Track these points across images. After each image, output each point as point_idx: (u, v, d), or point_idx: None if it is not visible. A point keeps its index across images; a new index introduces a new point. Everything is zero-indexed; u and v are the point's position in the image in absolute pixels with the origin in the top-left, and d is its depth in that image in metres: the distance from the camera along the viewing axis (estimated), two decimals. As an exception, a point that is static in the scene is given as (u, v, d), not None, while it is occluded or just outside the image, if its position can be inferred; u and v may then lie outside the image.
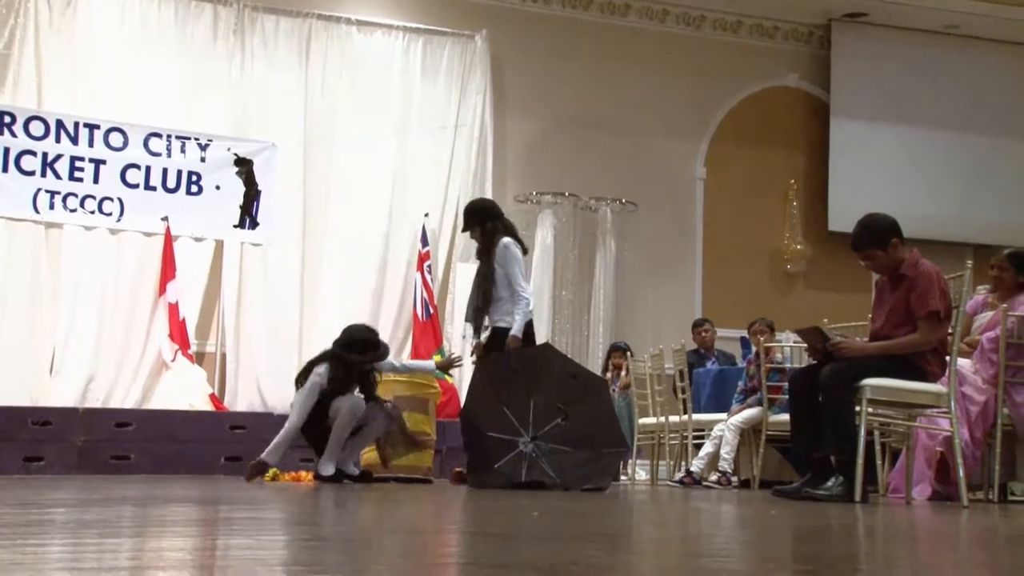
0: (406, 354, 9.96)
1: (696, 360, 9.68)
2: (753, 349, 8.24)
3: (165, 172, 9.69)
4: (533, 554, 2.20)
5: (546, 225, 11.03)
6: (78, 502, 4.01)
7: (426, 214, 10.34)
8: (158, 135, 9.69)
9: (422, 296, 10.10)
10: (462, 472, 6.87)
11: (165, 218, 9.58)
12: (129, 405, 9.21)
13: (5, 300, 9.38)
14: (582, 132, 11.42)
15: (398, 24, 10.90)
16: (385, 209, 10.47)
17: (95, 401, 9.14)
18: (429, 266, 10.24)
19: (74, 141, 9.45)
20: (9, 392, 8.77)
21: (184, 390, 9.18)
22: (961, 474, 5.47)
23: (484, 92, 10.89)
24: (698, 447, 8.29)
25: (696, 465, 8.06)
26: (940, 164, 12.29)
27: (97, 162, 9.49)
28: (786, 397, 6.55)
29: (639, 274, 11.38)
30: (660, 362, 8.91)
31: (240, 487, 5.77)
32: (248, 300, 10.00)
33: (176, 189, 9.73)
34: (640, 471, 9.70)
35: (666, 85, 11.78)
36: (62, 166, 9.41)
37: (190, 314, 9.70)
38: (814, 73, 12.32)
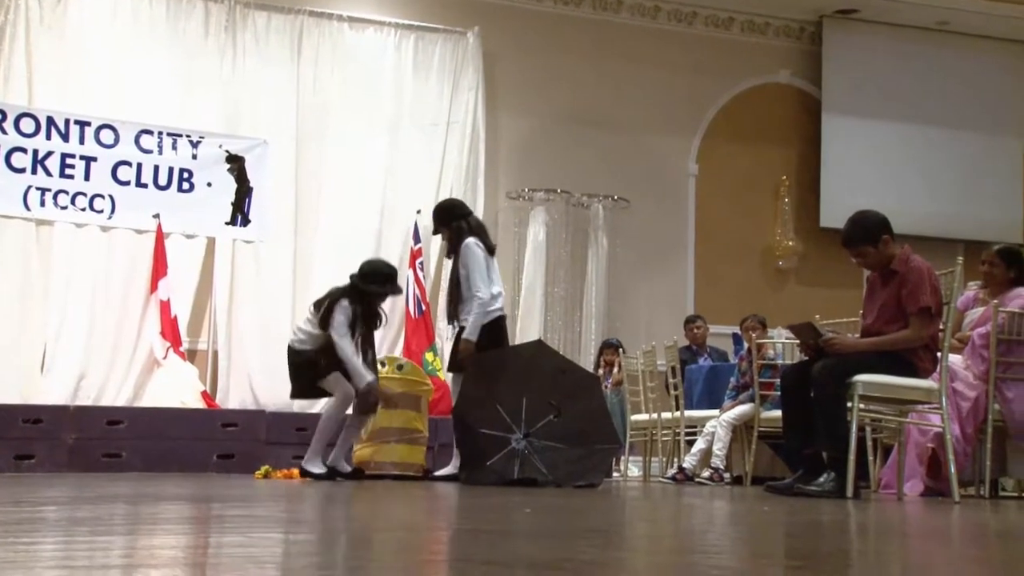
0: (399, 351, 9.96)
1: (688, 356, 9.70)
2: (745, 345, 8.25)
3: (156, 169, 9.67)
4: (526, 551, 2.20)
5: (538, 222, 11.03)
6: (70, 500, 4.00)
7: (418, 211, 10.31)
8: (149, 132, 9.67)
9: (414, 293, 10.08)
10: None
11: (156, 215, 9.56)
12: (121, 403, 9.19)
13: (-4, 298, 9.35)
14: (574, 129, 11.42)
15: (390, 21, 10.88)
16: (377, 206, 10.46)
17: (86, 399, 9.11)
18: (421, 263, 10.23)
19: (65, 138, 9.42)
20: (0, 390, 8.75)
21: (176, 388, 9.16)
22: (952, 470, 5.49)
23: (476, 89, 10.88)
24: (690, 443, 8.30)
25: (688, 461, 8.07)
26: (932, 160, 12.31)
27: (88, 159, 9.47)
28: (778, 393, 6.57)
29: (631, 271, 11.38)
30: (652, 358, 8.92)
31: (232, 485, 5.76)
32: (240, 297, 9.98)
33: (168, 186, 9.71)
34: (632, 467, 9.71)
35: (658, 81, 11.78)
36: (53, 163, 9.38)
37: (182, 311, 9.68)
38: (806, 69, 12.33)
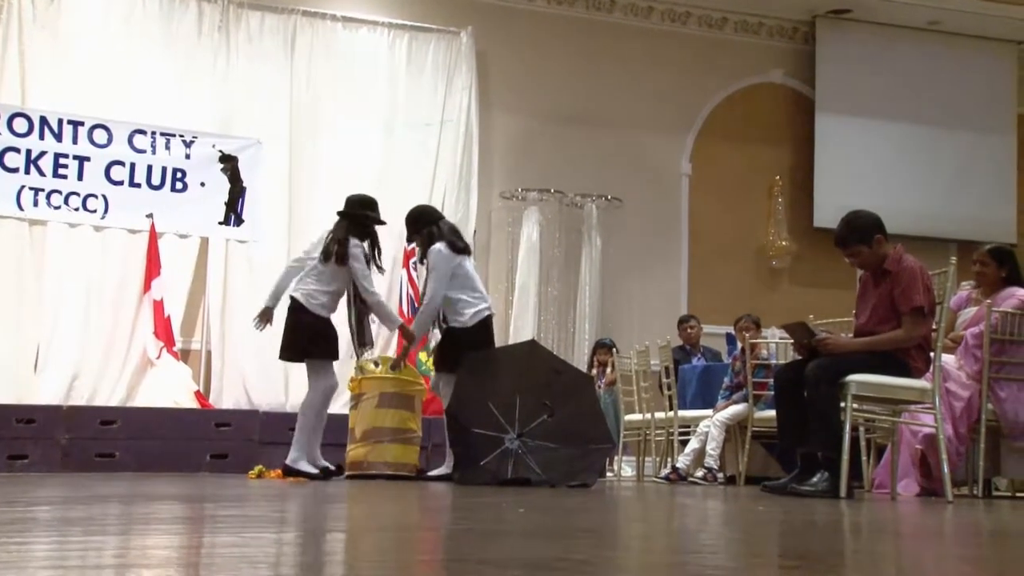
0: (392, 351, 9.94)
1: (682, 356, 9.71)
2: (739, 345, 8.26)
3: (150, 169, 9.66)
4: (519, 551, 2.20)
5: (532, 221, 11.03)
6: (63, 500, 4.00)
7: (412, 211, 10.31)
8: (143, 132, 9.66)
9: (408, 293, 10.07)
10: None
11: (150, 215, 9.55)
12: (114, 403, 9.17)
13: (-11, 298, 9.33)
14: (568, 128, 11.42)
15: (383, 20, 10.87)
16: (370, 206, 10.44)
17: (80, 399, 9.10)
18: (415, 263, 10.21)
19: (58, 138, 9.40)
20: (-7, 390, 8.74)
21: (169, 387, 9.14)
22: (945, 470, 5.49)
23: (470, 88, 10.87)
24: (684, 443, 8.31)
25: (682, 461, 8.08)
26: (924, 160, 12.33)
27: (81, 159, 9.45)
28: (771, 393, 6.57)
29: (625, 270, 11.38)
30: (646, 358, 8.92)
31: (225, 485, 5.75)
32: (233, 297, 9.96)
33: (161, 186, 9.70)
34: (626, 467, 9.71)
35: (651, 81, 11.79)
36: (46, 163, 9.36)
37: (175, 311, 9.67)
38: (799, 69, 12.35)
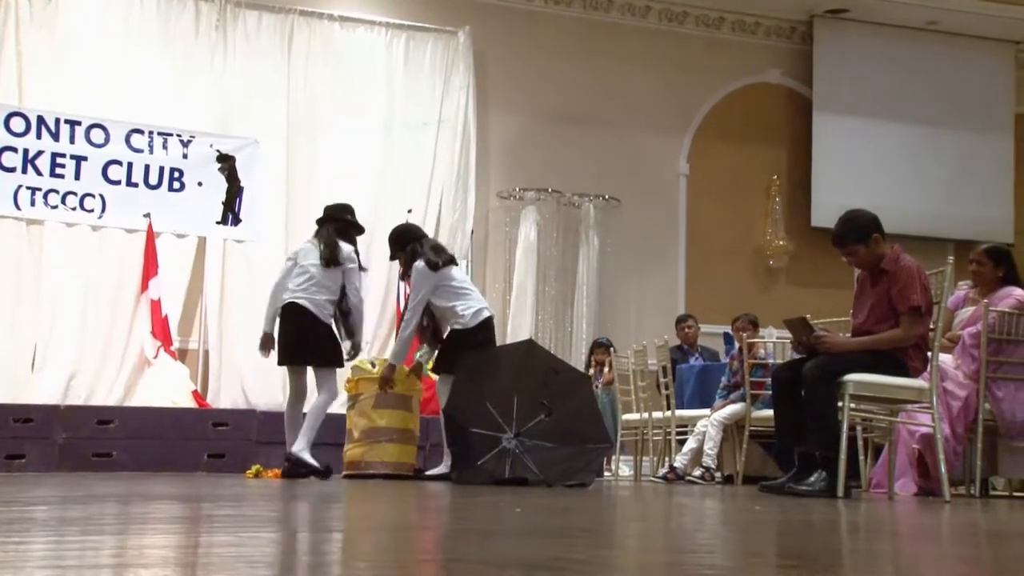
0: (390, 351, 9.94)
1: (679, 356, 9.71)
2: (736, 345, 8.26)
3: (147, 168, 9.65)
4: (517, 550, 2.20)
5: (529, 221, 11.03)
6: (60, 499, 3.99)
7: (409, 210, 10.28)
8: (140, 131, 9.65)
9: (405, 293, 10.05)
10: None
11: (147, 215, 9.54)
12: (111, 402, 9.16)
13: (-14, 297, 9.32)
14: (565, 128, 11.42)
15: (381, 20, 10.87)
16: (368, 205, 10.40)
17: (77, 398, 9.09)
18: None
19: (55, 137, 9.40)
20: (-10, 389, 8.73)
21: (167, 387, 9.14)
22: (943, 469, 5.49)
23: (467, 88, 10.87)
24: (681, 443, 8.32)
25: (679, 461, 8.09)
26: (922, 160, 12.34)
27: (78, 159, 9.44)
28: (769, 393, 6.58)
29: (622, 270, 11.38)
30: (643, 358, 8.92)
31: (223, 484, 5.74)
32: (231, 297, 9.95)
33: (158, 186, 9.69)
34: (623, 467, 9.72)
35: (649, 81, 11.79)
36: (43, 162, 9.36)
37: (173, 311, 9.67)
38: (796, 69, 12.35)
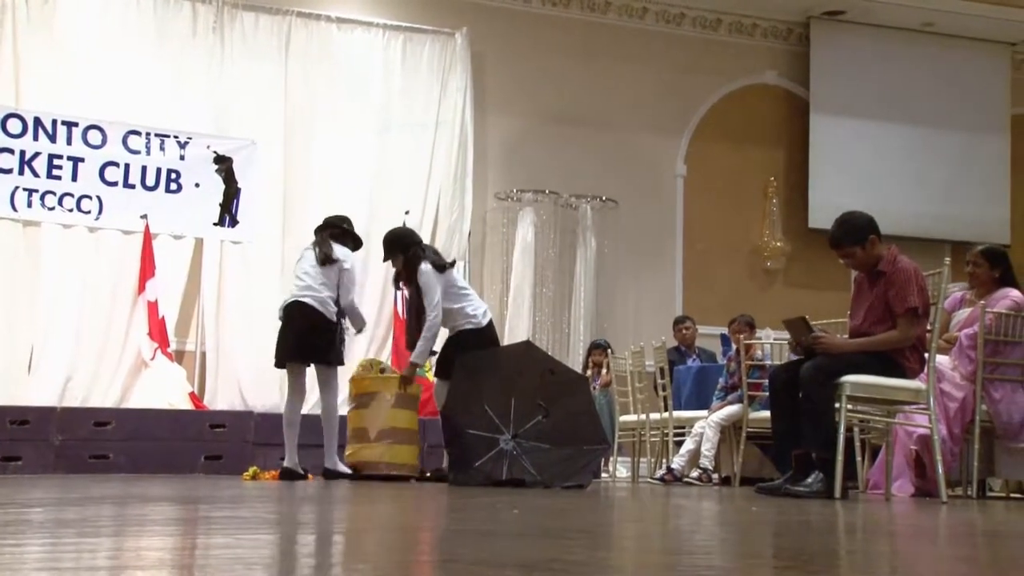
0: (387, 352, 9.96)
1: (677, 357, 9.70)
2: (733, 346, 8.26)
3: (144, 170, 9.65)
4: (514, 551, 2.20)
5: (527, 222, 11.03)
6: (56, 501, 3.99)
7: (407, 212, 10.29)
8: (137, 133, 9.65)
9: (403, 294, 10.05)
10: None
11: (144, 216, 9.54)
12: (108, 404, 9.14)
13: (-17, 299, 9.30)
14: (562, 129, 11.42)
15: (378, 22, 10.86)
16: (365, 207, 10.41)
17: (73, 400, 9.08)
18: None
19: (52, 139, 9.39)
20: (-13, 391, 8.72)
21: (163, 389, 9.13)
22: (940, 470, 5.50)
23: (465, 89, 10.87)
24: (679, 444, 8.31)
25: (677, 462, 8.08)
26: (919, 161, 12.35)
27: (76, 160, 9.44)
28: (766, 394, 6.58)
29: (620, 271, 11.38)
30: (641, 359, 8.92)
31: (220, 486, 5.74)
32: (228, 298, 9.95)
33: (155, 187, 9.69)
34: (621, 468, 9.72)
35: (646, 82, 11.79)
36: (40, 164, 9.35)
37: (169, 312, 9.66)
38: (793, 70, 12.36)
